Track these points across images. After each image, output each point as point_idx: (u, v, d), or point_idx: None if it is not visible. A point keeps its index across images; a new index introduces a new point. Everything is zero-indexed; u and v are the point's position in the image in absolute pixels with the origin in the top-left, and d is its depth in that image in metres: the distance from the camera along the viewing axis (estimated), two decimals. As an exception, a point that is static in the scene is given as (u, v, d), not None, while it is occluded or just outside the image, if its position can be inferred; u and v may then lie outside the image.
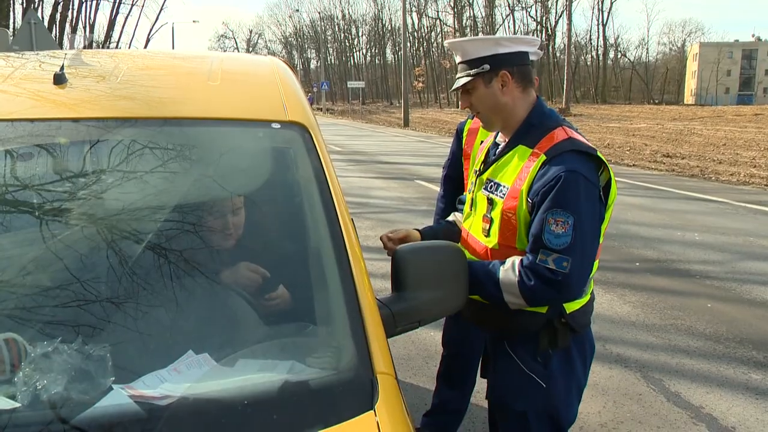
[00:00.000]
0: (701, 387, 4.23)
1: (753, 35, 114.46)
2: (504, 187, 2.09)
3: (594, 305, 2.25)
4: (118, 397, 1.28)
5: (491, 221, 2.13)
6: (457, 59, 2.21)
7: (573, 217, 1.94)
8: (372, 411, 1.31)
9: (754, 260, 7.35)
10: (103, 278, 1.59)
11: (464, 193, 2.83)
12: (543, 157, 2.01)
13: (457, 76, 2.21)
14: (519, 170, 2.06)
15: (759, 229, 8.97)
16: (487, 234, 2.15)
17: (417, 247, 1.78)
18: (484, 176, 2.20)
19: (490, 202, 2.13)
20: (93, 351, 1.36)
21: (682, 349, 4.81)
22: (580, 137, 2.07)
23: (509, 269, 2.03)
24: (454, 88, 2.22)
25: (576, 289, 2.03)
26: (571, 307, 2.09)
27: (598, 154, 2.03)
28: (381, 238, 2.43)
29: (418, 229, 2.48)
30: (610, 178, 2.06)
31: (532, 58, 2.19)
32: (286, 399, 1.33)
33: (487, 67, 2.11)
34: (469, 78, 2.15)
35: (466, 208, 2.33)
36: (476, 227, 2.21)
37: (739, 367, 4.53)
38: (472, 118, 3.26)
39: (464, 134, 3.30)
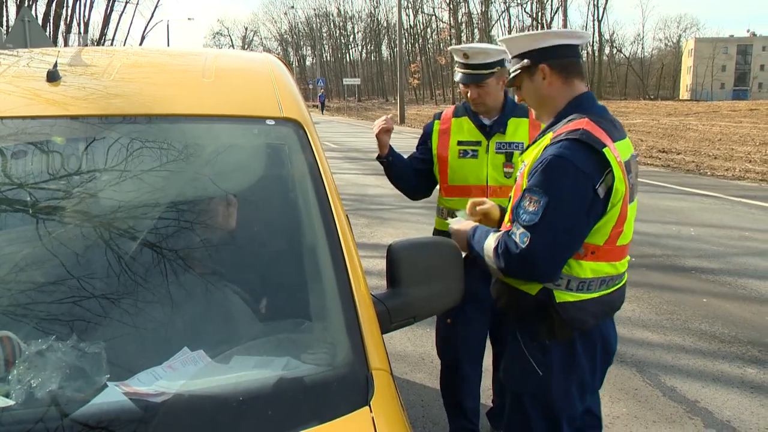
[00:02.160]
0: (697, 381, 4.24)
1: (748, 30, 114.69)
2: (524, 166, 2.18)
3: (607, 309, 2.21)
4: (113, 395, 1.28)
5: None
6: (509, 57, 2.35)
7: (546, 198, 1.99)
8: (367, 407, 1.32)
9: (749, 255, 7.37)
10: (97, 275, 1.58)
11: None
12: (548, 142, 2.09)
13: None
14: (538, 154, 2.14)
15: (754, 224, 9.00)
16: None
17: (412, 242, 1.78)
18: (522, 157, 2.29)
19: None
20: (88, 348, 1.36)
21: (678, 344, 4.83)
22: (600, 131, 2.06)
23: (495, 236, 2.14)
24: (507, 85, 2.40)
25: (537, 268, 2.05)
26: (561, 296, 2.10)
27: (605, 151, 2.00)
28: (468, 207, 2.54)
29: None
30: (614, 178, 2.01)
31: (577, 45, 2.25)
32: (281, 395, 1.32)
33: (527, 61, 2.21)
34: (515, 73, 2.27)
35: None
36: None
37: (734, 361, 4.55)
38: (439, 118, 3.23)
39: (434, 136, 3.19)
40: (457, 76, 3.08)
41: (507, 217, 2.20)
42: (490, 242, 2.15)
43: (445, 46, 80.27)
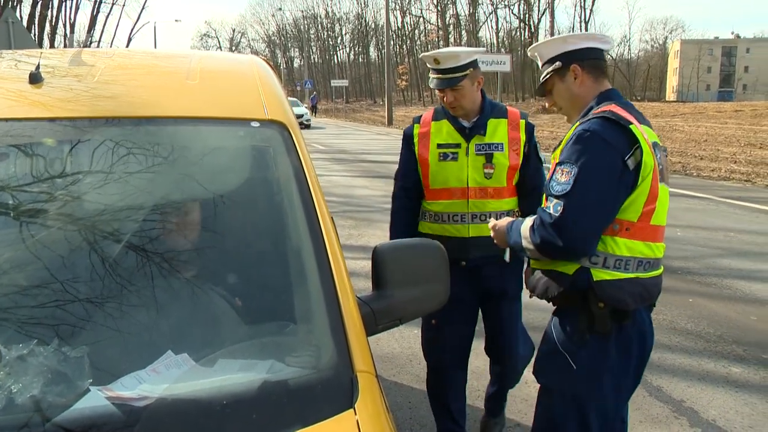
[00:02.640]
0: (682, 381, 4.27)
1: (732, 32, 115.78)
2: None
3: (645, 293, 2.19)
4: (95, 399, 1.27)
5: None
6: (539, 64, 2.45)
7: (577, 169, 2.07)
8: (352, 410, 1.31)
9: (734, 256, 7.42)
10: (80, 279, 1.57)
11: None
12: (577, 124, 2.19)
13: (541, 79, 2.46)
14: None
15: (739, 225, 9.07)
16: None
17: (397, 244, 1.78)
18: (553, 155, 2.32)
19: None
20: (70, 353, 1.35)
21: (664, 344, 4.85)
22: (626, 113, 2.15)
23: (532, 217, 2.25)
24: (537, 91, 2.48)
25: (572, 236, 2.09)
26: (599, 275, 2.13)
27: (632, 127, 2.09)
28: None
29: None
30: (642, 153, 2.08)
31: (603, 49, 2.38)
32: (265, 398, 1.32)
33: (559, 63, 2.33)
34: (547, 77, 2.38)
35: None
36: None
37: (719, 360, 4.58)
38: (419, 122, 3.22)
39: (415, 140, 3.18)
40: (432, 83, 3.10)
41: (543, 200, 2.27)
42: (527, 223, 2.25)
43: (433, 48, 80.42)
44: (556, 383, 2.26)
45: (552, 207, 2.12)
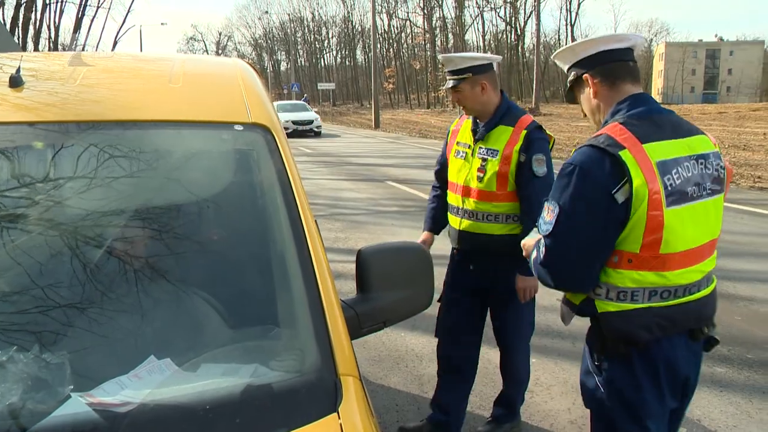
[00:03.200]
0: (668, 381, 4.28)
1: (716, 35, 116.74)
2: None
3: (665, 323, 2.04)
4: (76, 406, 1.26)
5: None
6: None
7: (558, 207, 1.99)
8: (335, 413, 1.31)
9: (719, 256, 7.41)
10: (62, 284, 1.56)
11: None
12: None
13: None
14: None
15: (724, 226, 9.07)
16: None
17: (381, 247, 1.78)
18: None
19: None
20: (51, 359, 1.34)
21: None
22: (627, 134, 1.97)
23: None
24: (567, 97, 2.38)
25: (556, 277, 2.05)
26: (602, 306, 2.04)
27: (621, 153, 1.92)
28: None
29: None
30: (634, 181, 1.93)
31: (621, 49, 2.16)
32: (248, 403, 1.31)
33: (574, 74, 2.21)
34: (569, 88, 2.28)
35: None
36: None
37: (704, 360, 4.57)
38: (459, 117, 3.54)
39: (449, 134, 3.51)
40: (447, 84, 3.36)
41: None
42: (533, 255, 2.15)
43: (419, 51, 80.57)
44: (590, 405, 2.19)
45: (541, 246, 2.05)
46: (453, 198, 3.37)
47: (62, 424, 1.22)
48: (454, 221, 3.37)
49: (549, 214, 2.01)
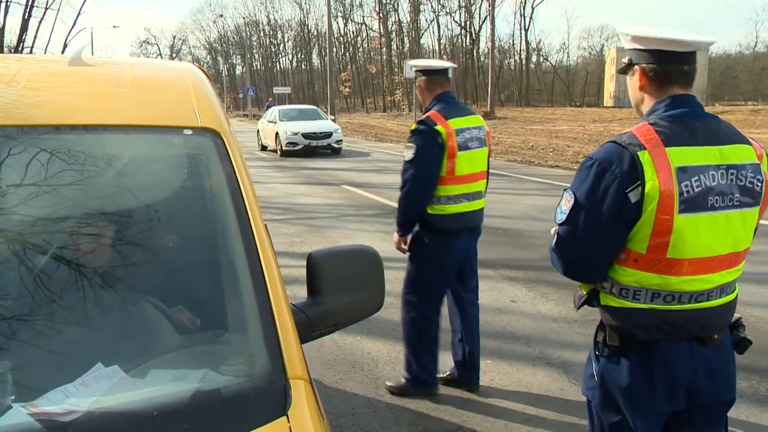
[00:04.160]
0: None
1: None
2: None
3: (664, 327, 2.03)
4: (17, 416, 1.23)
5: None
6: None
7: (574, 198, 2.05)
8: (285, 417, 1.31)
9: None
10: (4, 293, 1.52)
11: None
12: None
13: None
14: None
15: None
16: None
17: (332, 251, 1.79)
18: None
19: None
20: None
21: (601, 344, 4.96)
22: (652, 135, 1.96)
23: None
24: (621, 70, 2.25)
25: (564, 265, 2.14)
26: (605, 299, 2.11)
27: (639, 154, 1.93)
28: None
29: None
30: (647, 184, 1.93)
31: (677, 53, 2.07)
32: (197, 408, 1.31)
33: (628, 58, 2.18)
34: (623, 65, 2.20)
35: None
36: None
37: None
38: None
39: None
40: None
41: None
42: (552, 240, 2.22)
43: (375, 55, 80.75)
44: (588, 394, 2.24)
45: (555, 233, 2.14)
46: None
47: None
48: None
49: (565, 203, 2.08)
